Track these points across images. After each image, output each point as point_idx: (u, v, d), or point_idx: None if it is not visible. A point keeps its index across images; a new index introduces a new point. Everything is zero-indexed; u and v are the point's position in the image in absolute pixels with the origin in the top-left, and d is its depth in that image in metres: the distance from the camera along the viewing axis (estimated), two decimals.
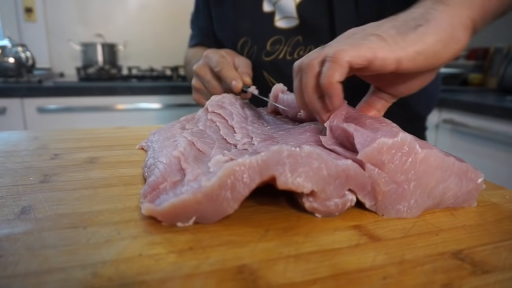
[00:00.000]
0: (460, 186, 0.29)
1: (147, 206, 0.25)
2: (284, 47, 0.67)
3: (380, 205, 0.28)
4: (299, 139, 0.34)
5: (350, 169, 0.27)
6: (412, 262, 0.22)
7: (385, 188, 0.27)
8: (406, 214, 0.28)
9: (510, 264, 0.22)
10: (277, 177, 0.25)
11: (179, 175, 0.29)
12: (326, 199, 0.27)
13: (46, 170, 0.37)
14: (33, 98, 1.38)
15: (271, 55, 0.68)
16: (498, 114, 1.14)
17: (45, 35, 1.83)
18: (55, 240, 0.23)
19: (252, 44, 0.69)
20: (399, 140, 0.27)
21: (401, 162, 0.27)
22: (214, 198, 0.25)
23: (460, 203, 0.30)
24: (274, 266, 0.21)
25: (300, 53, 0.67)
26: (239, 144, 0.36)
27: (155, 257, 0.22)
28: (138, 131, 0.56)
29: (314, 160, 0.26)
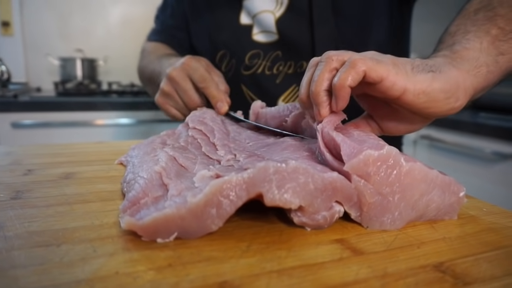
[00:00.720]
0: (443, 199, 0.29)
1: (127, 220, 0.24)
2: (263, 62, 0.66)
3: (365, 216, 0.28)
4: (282, 154, 0.34)
5: (336, 182, 0.27)
6: (395, 275, 0.22)
7: (370, 199, 0.27)
8: (390, 226, 0.28)
9: (490, 275, 0.22)
10: (264, 194, 0.25)
11: (161, 191, 0.29)
12: (314, 213, 0.27)
13: (18, 186, 0.35)
14: (8, 113, 1.34)
15: (250, 69, 0.67)
16: (473, 130, 1.18)
17: (22, 49, 1.79)
18: (26, 259, 0.22)
19: (231, 57, 0.68)
20: (385, 152, 0.27)
21: (386, 175, 0.27)
22: (198, 215, 0.24)
23: (441, 215, 0.30)
24: (256, 281, 0.20)
25: (280, 68, 0.66)
26: (223, 160, 0.35)
27: (132, 275, 0.21)
28: (117, 146, 0.55)
29: (300, 175, 0.26)
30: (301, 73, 0.65)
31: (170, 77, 0.56)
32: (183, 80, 0.55)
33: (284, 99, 0.67)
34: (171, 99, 0.57)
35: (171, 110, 0.59)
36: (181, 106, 0.57)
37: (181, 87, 0.55)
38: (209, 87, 0.54)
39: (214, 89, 0.54)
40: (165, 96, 0.57)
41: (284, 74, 0.66)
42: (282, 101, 0.67)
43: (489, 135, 1.13)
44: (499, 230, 0.29)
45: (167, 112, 0.59)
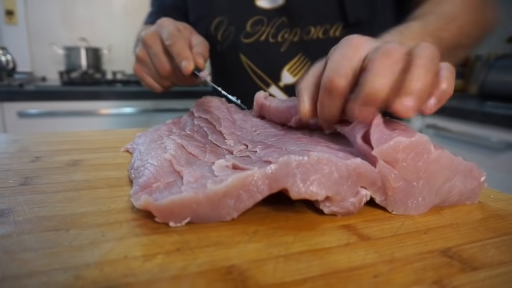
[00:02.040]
0: (465, 184, 0.30)
1: (145, 198, 0.25)
2: (266, 29, 0.62)
3: (389, 201, 0.28)
4: (299, 145, 0.34)
5: (360, 167, 0.27)
6: (402, 260, 0.22)
7: (395, 184, 0.27)
8: (414, 211, 0.28)
9: (498, 260, 0.22)
10: (289, 188, 0.25)
11: (172, 177, 0.29)
12: (342, 200, 0.27)
13: (26, 173, 0.36)
14: (14, 102, 1.35)
15: (252, 37, 0.63)
16: (479, 119, 1.17)
17: (27, 39, 1.79)
18: (36, 243, 0.22)
19: (229, 24, 0.63)
20: (415, 140, 0.27)
21: (414, 161, 0.27)
22: (215, 203, 0.25)
23: (463, 200, 0.31)
24: (263, 266, 0.21)
25: (285, 36, 0.62)
26: (235, 150, 0.35)
27: (141, 258, 0.21)
28: (123, 134, 0.55)
29: (324, 166, 0.26)
30: (307, 40, 0.61)
31: (143, 40, 0.51)
32: (153, 42, 0.50)
33: (290, 69, 0.63)
34: (145, 65, 0.53)
35: (146, 78, 0.54)
36: (154, 73, 0.53)
37: (153, 51, 0.50)
38: (175, 44, 0.47)
39: (180, 46, 0.48)
40: (140, 62, 0.53)
41: (290, 42, 0.62)
42: (287, 71, 0.64)
43: (496, 124, 1.12)
44: (506, 217, 0.29)
45: (142, 80, 0.55)
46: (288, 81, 0.64)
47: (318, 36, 0.61)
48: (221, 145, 0.38)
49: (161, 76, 0.52)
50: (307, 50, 0.62)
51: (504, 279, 0.20)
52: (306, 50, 0.62)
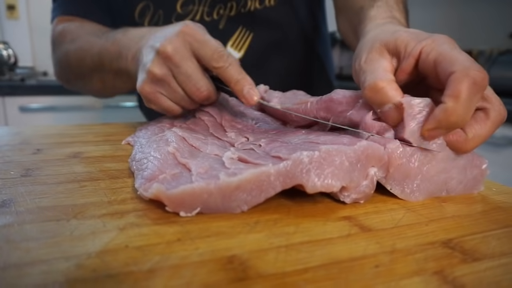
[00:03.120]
0: (465, 175, 0.30)
1: (157, 186, 0.25)
2: (199, 7, 0.57)
3: (389, 178, 0.29)
4: (299, 137, 0.34)
5: (368, 149, 0.27)
6: (403, 251, 0.22)
7: (399, 160, 0.28)
8: (410, 196, 0.29)
9: (499, 251, 0.22)
10: (305, 184, 0.26)
11: (177, 169, 0.29)
12: (357, 186, 0.27)
13: (28, 165, 0.36)
14: (15, 96, 1.35)
15: (184, 18, 0.57)
16: None
17: (28, 33, 1.79)
18: (37, 233, 0.22)
19: (156, 8, 0.56)
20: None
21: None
22: (226, 195, 0.25)
23: (469, 189, 0.31)
24: (264, 256, 0.21)
25: (221, 12, 0.57)
26: (237, 143, 0.35)
27: (142, 248, 0.21)
28: (124, 127, 0.55)
29: (335, 157, 0.26)
30: (245, 13, 0.59)
31: (164, 54, 0.38)
32: (186, 59, 0.38)
33: (233, 45, 0.60)
34: (166, 86, 0.40)
35: (164, 102, 0.41)
36: (181, 96, 0.41)
37: (183, 70, 0.38)
38: (228, 68, 0.38)
39: (236, 70, 0.38)
40: (157, 83, 0.40)
41: (227, 18, 0.59)
42: (231, 47, 0.60)
43: None
44: (508, 209, 0.29)
45: (158, 104, 0.42)
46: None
47: (256, 7, 0.59)
48: (222, 137, 0.38)
49: (194, 101, 0.41)
50: (247, 22, 0.60)
51: (506, 269, 0.20)
52: (246, 22, 0.60)
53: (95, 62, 0.51)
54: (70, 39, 0.55)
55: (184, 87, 0.40)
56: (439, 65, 0.27)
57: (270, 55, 0.65)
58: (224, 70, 0.38)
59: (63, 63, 0.58)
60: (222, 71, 0.38)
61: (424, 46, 0.29)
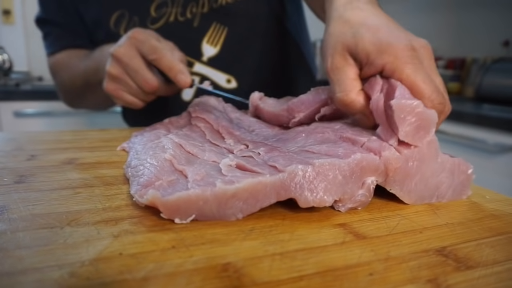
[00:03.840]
0: (452, 180, 0.31)
1: (153, 193, 0.25)
2: (172, 9, 0.60)
3: (389, 181, 0.29)
4: (297, 143, 0.34)
5: (362, 161, 0.27)
6: (398, 258, 0.22)
7: (396, 164, 0.28)
8: (407, 197, 0.30)
9: (493, 259, 0.22)
10: (298, 199, 0.26)
11: (174, 176, 0.29)
12: (351, 197, 0.28)
13: (21, 171, 0.35)
14: (10, 102, 1.34)
15: (159, 21, 0.60)
16: (476, 122, 1.18)
17: (23, 38, 1.79)
18: (30, 241, 0.22)
19: (131, 15, 0.60)
20: (430, 113, 0.28)
21: (416, 131, 0.28)
22: (222, 202, 0.25)
23: (457, 195, 0.32)
24: (259, 263, 0.21)
25: (193, 10, 0.60)
26: (235, 150, 0.35)
27: (136, 256, 0.21)
28: (119, 133, 0.55)
29: (328, 172, 0.26)
30: (217, 8, 0.61)
31: (116, 56, 0.46)
32: (130, 57, 0.45)
33: (209, 40, 0.62)
34: (122, 83, 0.48)
35: (124, 96, 0.49)
36: (135, 90, 0.48)
37: (131, 67, 0.46)
38: (162, 58, 0.44)
39: (169, 59, 0.45)
40: (114, 80, 0.48)
41: (200, 15, 0.61)
42: (206, 43, 0.62)
43: (492, 127, 1.13)
44: (501, 217, 0.29)
45: (119, 99, 0.50)
46: (211, 53, 0.63)
47: (227, 1, 0.61)
48: (220, 144, 0.38)
49: (146, 92, 0.48)
50: (220, 17, 0.62)
51: (499, 277, 0.20)
52: (219, 17, 0.62)
53: (83, 80, 0.59)
54: (62, 68, 0.64)
55: (136, 81, 0.47)
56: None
57: (246, 47, 0.65)
58: (158, 61, 0.45)
59: (63, 90, 0.67)
60: (157, 62, 0.45)
61: (386, 64, 0.30)
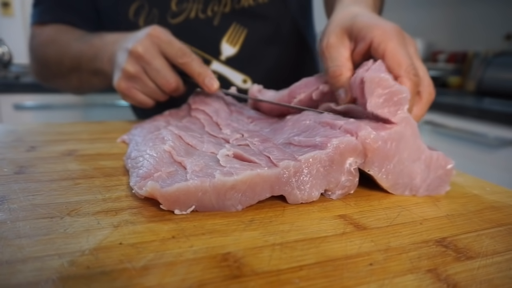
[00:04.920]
0: (427, 173, 0.31)
1: (151, 185, 0.25)
2: (193, 5, 0.59)
3: (368, 162, 0.29)
4: (283, 134, 0.34)
5: (339, 146, 0.28)
6: (398, 249, 0.22)
7: (374, 144, 0.28)
8: (385, 179, 0.30)
9: (492, 250, 0.22)
10: (287, 196, 0.27)
11: (173, 167, 0.29)
12: (338, 182, 0.28)
13: (21, 162, 0.35)
14: (10, 94, 1.34)
15: (179, 16, 0.59)
16: (476, 116, 1.17)
17: (23, 30, 1.78)
18: (30, 230, 0.22)
19: (151, 7, 0.59)
20: (399, 87, 0.30)
21: (384, 102, 0.30)
22: (221, 194, 0.25)
23: (434, 189, 0.31)
24: (259, 253, 0.21)
25: (215, 9, 0.60)
26: (231, 139, 0.35)
27: (136, 245, 0.21)
28: (119, 125, 0.55)
29: (311, 165, 0.27)
30: (239, 9, 0.61)
31: (136, 54, 0.44)
32: (153, 56, 0.44)
33: (228, 40, 0.62)
34: (139, 82, 0.46)
35: (138, 96, 0.47)
36: (152, 89, 0.47)
37: (153, 66, 0.44)
38: (192, 62, 0.45)
39: (198, 64, 0.45)
40: (130, 79, 0.46)
41: (221, 14, 0.61)
42: (226, 42, 0.62)
43: (493, 121, 1.12)
44: (501, 209, 0.29)
45: (130, 98, 0.48)
46: (230, 53, 0.63)
47: (250, 4, 0.62)
48: (218, 134, 0.38)
49: (165, 93, 0.48)
50: (241, 18, 0.62)
51: (498, 268, 0.20)
52: (240, 18, 0.62)
53: (73, 63, 0.56)
54: (47, 41, 0.59)
55: (155, 81, 0.46)
56: (386, 61, 0.32)
57: (264, 49, 0.66)
58: (188, 65, 0.45)
59: (42, 64, 0.61)
60: (187, 66, 0.45)
61: (374, 36, 0.33)
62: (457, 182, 0.35)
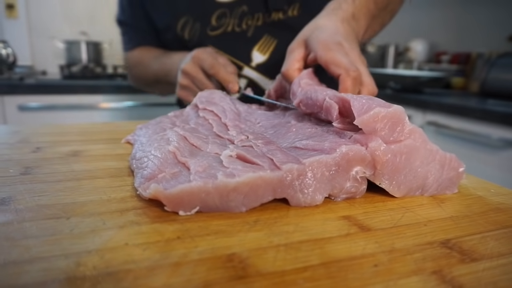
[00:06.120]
0: (441, 173, 0.31)
1: (155, 187, 0.25)
2: (230, 20, 0.69)
3: (378, 174, 0.29)
4: (287, 139, 0.34)
5: (348, 153, 0.28)
6: (402, 250, 0.22)
7: (384, 157, 0.28)
8: (397, 190, 0.30)
9: (497, 252, 0.22)
10: (290, 199, 0.27)
11: (177, 168, 0.29)
12: (342, 188, 0.28)
13: (27, 163, 0.36)
14: (14, 95, 1.35)
15: (218, 29, 0.69)
16: (480, 117, 1.17)
17: (27, 32, 1.79)
18: (37, 230, 0.22)
19: (194, 22, 0.69)
20: (392, 110, 0.29)
21: (391, 130, 0.29)
22: (224, 195, 0.25)
23: (443, 189, 0.32)
24: (264, 254, 0.21)
25: (249, 23, 0.69)
26: (236, 140, 0.35)
27: (142, 246, 0.21)
28: (123, 126, 0.55)
29: (316, 169, 0.27)
30: (270, 22, 0.69)
31: (184, 71, 0.61)
32: (195, 72, 0.60)
33: (259, 49, 0.70)
34: (190, 90, 0.62)
35: (191, 99, 0.61)
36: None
37: (196, 79, 0.60)
38: (218, 72, 0.58)
39: (223, 73, 0.58)
40: (184, 89, 0.63)
41: (254, 27, 0.69)
42: (257, 50, 0.70)
43: (496, 122, 1.12)
44: (506, 210, 0.29)
45: (188, 101, 0.62)
46: (259, 60, 0.71)
47: (279, 18, 0.69)
48: (224, 135, 0.38)
49: None
50: (272, 30, 0.70)
51: (503, 270, 0.20)
52: (271, 30, 0.70)
53: (153, 78, 0.76)
54: (135, 63, 0.80)
55: (200, 88, 0.60)
56: (329, 67, 0.41)
57: None
58: (217, 74, 0.58)
59: (135, 80, 0.85)
60: (216, 75, 0.58)
61: (318, 50, 0.42)
62: (462, 183, 0.35)
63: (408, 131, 0.29)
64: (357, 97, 0.30)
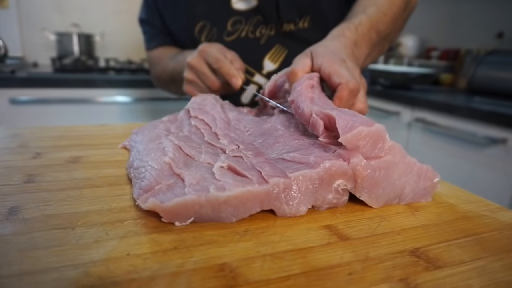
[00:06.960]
0: (417, 183, 0.34)
1: (153, 201, 0.27)
2: (245, 27, 0.71)
3: (358, 187, 0.31)
4: (274, 150, 0.36)
5: (331, 168, 0.30)
6: (375, 259, 0.24)
7: (364, 172, 0.31)
8: (375, 202, 0.32)
9: (459, 260, 0.25)
10: (276, 210, 0.29)
11: (172, 179, 0.31)
12: (324, 199, 0.31)
13: (29, 170, 0.37)
14: (5, 89, 1.34)
15: (233, 35, 0.72)
16: (466, 115, 1.20)
17: (17, 23, 1.77)
18: (45, 241, 0.24)
19: (212, 26, 0.72)
20: (374, 129, 0.31)
21: (372, 147, 0.31)
22: (215, 207, 0.28)
23: (418, 198, 0.34)
24: (252, 264, 0.23)
25: (262, 31, 0.72)
26: (227, 149, 0.38)
27: (142, 256, 0.23)
28: (119, 129, 0.57)
29: (300, 183, 0.29)
30: (281, 33, 0.72)
31: (189, 65, 0.61)
32: (200, 66, 0.60)
33: (270, 57, 0.74)
34: (195, 84, 0.62)
35: (196, 94, 0.62)
36: (205, 89, 0.62)
37: (201, 72, 0.60)
38: (222, 66, 0.58)
39: (227, 67, 0.58)
40: (190, 83, 0.63)
41: (267, 36, 0.73)
42: (268, 59, 0.73)
43: (482, 120, 1.16)
44: (473, 218, 0.32)
45: (192, 95, 0.64)
46: (270, 68, 0.74)
47: (291, 29, 0.72)
48: (216, 144, 0.40)
49: (212, 90, 0.62)
50: (283, 40, 0.73)
51: (462, 277, 0.23)
52: (282, 40, 0.73)
53: (170, 76, 0.77)
54: (155, 62, 0.82)
55: (205, 82, 0.61)
56: (331, 77, 0.43)
57: None
58: (221, 68, 0.58)
59: (155, 78, 0.85)
60: (220, 69, 0.58)
61: (322, 62, 0.44)
62: (436, 190, 0.37)
63: (388, 147, 0.32)
64: (342, 114, 0.33)
